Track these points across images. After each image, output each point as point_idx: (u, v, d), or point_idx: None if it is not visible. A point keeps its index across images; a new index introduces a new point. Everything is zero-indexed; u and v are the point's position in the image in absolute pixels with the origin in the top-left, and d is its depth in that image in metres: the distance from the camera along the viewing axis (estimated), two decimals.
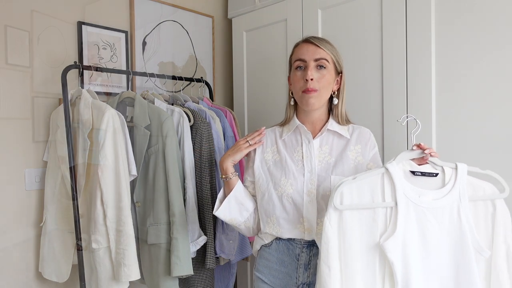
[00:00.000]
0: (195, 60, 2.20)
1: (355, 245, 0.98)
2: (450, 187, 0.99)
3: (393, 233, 0.95)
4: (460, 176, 0.99)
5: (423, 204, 0.97)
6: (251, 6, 2.07)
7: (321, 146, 1.18)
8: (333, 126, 1.19)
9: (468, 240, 0.96)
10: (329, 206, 0.99)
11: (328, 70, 1.15)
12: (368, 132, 1.20)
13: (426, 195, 0.98)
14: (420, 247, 0.97)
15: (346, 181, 0.99)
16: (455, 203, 0.98)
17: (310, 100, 1.14)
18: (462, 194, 0.98)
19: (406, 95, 1.46)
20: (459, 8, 1.33)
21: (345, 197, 0.99)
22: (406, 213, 0.97)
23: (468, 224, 0.97)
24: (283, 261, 1.19)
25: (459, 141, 1.34)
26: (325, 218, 0.99)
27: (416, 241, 0.97)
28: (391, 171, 0.99)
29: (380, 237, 0.97)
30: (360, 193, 0.99)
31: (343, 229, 0.98)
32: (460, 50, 1.34)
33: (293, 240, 1.17)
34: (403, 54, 1.46)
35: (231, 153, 1.23)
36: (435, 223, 0.97)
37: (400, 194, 0.97)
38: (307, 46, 1.16)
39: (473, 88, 1.31)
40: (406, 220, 0.96)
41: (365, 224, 0.98)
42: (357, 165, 1.15)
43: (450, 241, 0.97)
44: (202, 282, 1.65)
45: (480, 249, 0.97)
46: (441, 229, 0.97)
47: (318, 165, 1.16)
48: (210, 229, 1.61)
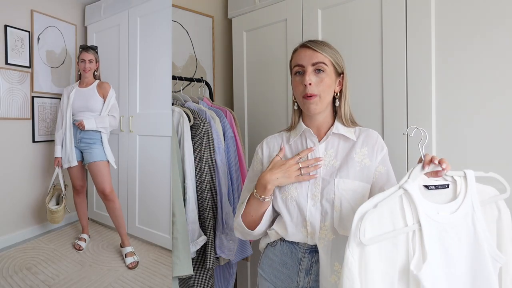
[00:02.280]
0: (195, 60, 2.19)
1: (377, 276, 0.91)
2: (463, 197, 0.96)
3: (426, 259, 0.88)
4: (470, 184, 0.97)
5: (443, 220, 0.93)
6: (251, 6, 2.07)
7: (326, 149, 1.18)
8: (339, 129, 1.18)
9: (484, 248, 0.93)
10: (351, 240, 0.90)
11: (327, 73, 1.14)
12: (376, 134, 1.18)
13: (443, 210, 0.95)
14: (444, 266, 0.92)
15: (368, 212, 0.91)
16: (469, 213, 0.95)
17: (311, 106, 1.14)
18: (475, 202, 0.96)
19: (406, 95, 1.46)
20: (459, 8, 1.33)
21: (367, 229, 0.90)
22: (430, 233, 0.92)
23: (483, 232, 0.94)
24: (286, 263, 1.19)
25: (459, 143, 1.34)
26: (346, 253, 0.90)
27: (440, 260, 0.92)
28: (410, 192, 0.93)
29: (400, 263, 0.91)
30: (381, 220, 0.92)
31: (365, 262, 0.91)
32: (461, 50, 1.33)
33: (297, 244, 1.17)
34: (403, 54, 1.46)
35: (281, 176, 1.13)
36: (456, 238, 0.94)
37: (422, 215, 0.92)
38: (304, 51, 1.16)
39: (474, 88, 1.31)
40: (431, 241, 0.91)
41: (384, 252, 0.92)
42: (363, 168, 1.13)
43: (468, 251, 0.94)
44: (202, 282, 1.65)
45: (497, 256, 0.95)
46: (460, 241, 0.94)
47: (323, 168, 1.16)
48: (210, 229, 1.61)
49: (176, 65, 2.10)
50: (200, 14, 2.21)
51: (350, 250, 0.90)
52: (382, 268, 0.91)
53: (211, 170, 1.65)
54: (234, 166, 1.78)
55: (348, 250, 0.90)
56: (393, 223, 0.92)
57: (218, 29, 2.34)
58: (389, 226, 0.92)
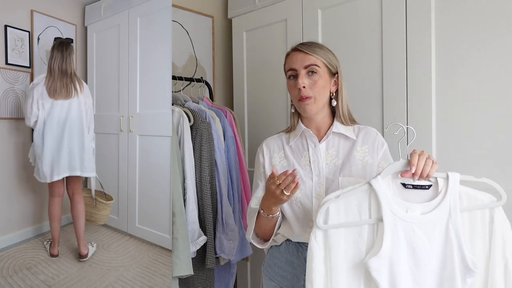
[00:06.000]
0: (195, 60, 2.20)
1: (340, 262, 0.96)
2: (440, 199, 0.94)
3: (378, 251, 0.92)
4: (451, 187, 0.93)
5: (410, 219, 0.94)
6: (251, 6, 2.07)
7: (327, 149, 1.18)
8: (338, 128, 1.18)
9: (454, 256, 0.91)
10: (315, 224, 0.97)
11: (320, 74, 1.14)
12: (375, 132, 1.19)
13: (414, 209, 0.94)
14: (411, 265, 0.93)
15: (331, 200, 0.97)
16: (444, 217, 0.93)
17: (306, 108, 1.14)
18: (453, 206, 0.93)
19: (406, 95, 1.46)
20: (459, 8, 1.33)
21: (331, 215, 0.97)
22: (393, 230, 0.93)
23: (456, 239, 0.92)
24: (292, 263, 1.19)
25: (459, 144, 1.34)
26: (311, 235, 0.98)
27: (406, 259, 0.93)
28: (375, 187, 0.95)
29: (366, 254, 0.95)
30: (348, 209, 0.97)
31: (329, 246, 0.97)
32: (460, 49, 1.34)
33: (303, 243, 1.17)
34: (403, 54, 1.46)
35: (275, 202, 1.08)
36: (425, 238, 0.93)
37: (385, 211, 0.94)
38: (296, 55, 1.17)
39: (474, 88, 1.31)
40: (392, 237, 0.93)
41: (351, 240, 0.97)
42: (365, 165, 1.14)
43: (438, 255, 0.93)
44: (202, 282, 1.65)
45: (472, 265, 0.91)
46: (432, 244, 0.93)
47: (325, 168, 1.16)
48: (210, 229, 1.61)
49: (176, 65, 2.10)
50: (200, 14, 2.21)
51: (313, 232, 0.99)
52: (350, 256, 0.97)
53: (211, 170, 1.65)
54: (234, 166, 1.78)
55: (312, 232, 0.99)
56: (360, 215, 0.97)
57: (218, 29, 2.34)
58: (355, 217, 0.97)
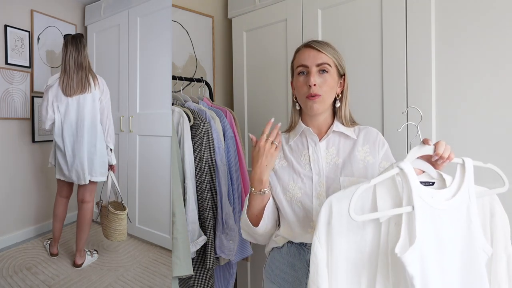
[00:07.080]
0: (195, 60, 2.20)
1: (341, 262, 0.91)
2: (458, 184, 0.91)
3: (414, 242, 0.83)
4: (468, 172, 0.91)
5: (437, 205, 0.87)
6: (251, 6, 2.07)
7: (327, 147, 1.17)
8: (339, 127, 1.18)
9: (477, 242, 0.89)
10: (320, 225, 0.91)
11: (331, 74, 1.14)
12: (375, 131, 1.19)
13: (437, 195, 0.89)
14: (436, 251, 0.87)
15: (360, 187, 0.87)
16: (465, 202, 0.90)
17: (314, 106, 1.13)
18: (471, 192, 0.90)
19: (406, 95, 1.46)
20: (459, 7, 1.33)
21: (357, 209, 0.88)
22: (423, 217, 0.86)
23: (476, 224, 0.90)
24: (294, 265, 1.18)
25: (459, 140, 1.34)
26: (314, 238, 0.92)
27: (434, 248, 0.86)
28: (406, 171, 0.87)
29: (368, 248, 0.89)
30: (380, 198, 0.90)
31: (331, 247, 0.91)
32: (460, 50, 1.34)
33: (305, 245, 1.16)
34: (403, 54, 1.46)
35: (266, 161, 1.10)
36: (449, 225, 0.88)
37: (416, 197, 0.86)
38: (309, 51, 1.15)
39: (473, 87, 1.31)
40: (423, 225, 0.85)
41: (353, 241, 0.91)
42: (366, 165, 1.13)
43: (461, 241, 0.89)
44: (202, 282, 1.65)
45: (486, 248, 0.91)
46: (455, 230, 0.89)
47: (326, 167, 1.15)
48: (210, 229, 1.61)
49: (176, 65, 2.10)
50: (200, 14, 2.21)
51: (316, 233, 0.91)
52: (350, 253, 0.91)
53: (211, 170, 1.65)
54: (234, 166, 1.78)
55: (315, 233, 0.91)
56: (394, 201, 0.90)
57: (218, 29, 2.34)
58: (387, 204, 0.90)
